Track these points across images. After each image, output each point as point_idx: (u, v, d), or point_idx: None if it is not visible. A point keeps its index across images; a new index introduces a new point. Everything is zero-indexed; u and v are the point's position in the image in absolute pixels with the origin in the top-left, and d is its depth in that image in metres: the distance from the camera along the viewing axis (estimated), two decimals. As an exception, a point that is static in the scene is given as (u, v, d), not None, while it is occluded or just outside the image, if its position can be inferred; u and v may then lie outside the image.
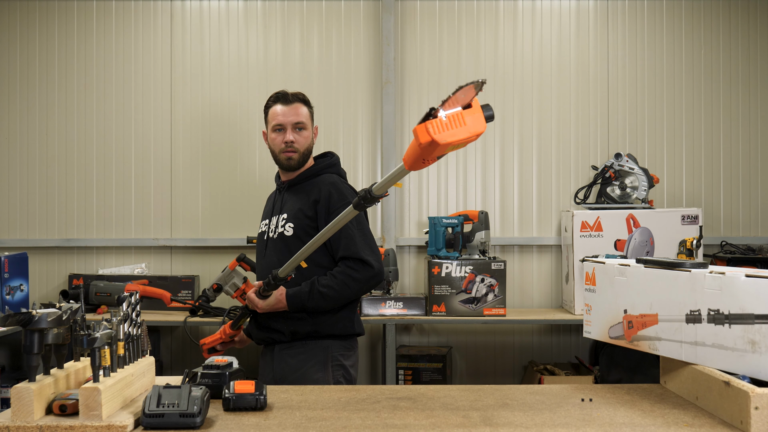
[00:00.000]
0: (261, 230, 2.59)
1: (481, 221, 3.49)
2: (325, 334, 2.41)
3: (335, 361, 2.41)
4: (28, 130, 3.95)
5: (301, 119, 2.49)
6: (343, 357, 2.43)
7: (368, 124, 3.89)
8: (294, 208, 2.46)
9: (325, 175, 2.52)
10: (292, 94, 2.52)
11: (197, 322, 3.44)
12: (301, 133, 2.50)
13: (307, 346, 2.41)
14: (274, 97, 2.54)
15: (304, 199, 2.46)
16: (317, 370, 2.38)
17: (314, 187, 2.47)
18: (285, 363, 2.42)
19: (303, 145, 2.50)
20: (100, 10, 3.95)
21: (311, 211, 2.42)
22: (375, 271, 2.37)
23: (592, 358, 3.81)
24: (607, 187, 3.63)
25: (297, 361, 2.40)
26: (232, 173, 3.91)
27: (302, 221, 2.42)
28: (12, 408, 1.43)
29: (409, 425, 1.52)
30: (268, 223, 2.54)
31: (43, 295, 3.88)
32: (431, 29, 3.92)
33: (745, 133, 3.91)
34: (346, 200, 2.41)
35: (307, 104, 2.55)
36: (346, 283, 2.35)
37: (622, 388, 1.83)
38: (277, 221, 2.49)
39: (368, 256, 2.37)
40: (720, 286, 1.57)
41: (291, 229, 2.43)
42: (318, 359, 2.39)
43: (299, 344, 2.42)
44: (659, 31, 3.92)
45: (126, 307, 1.60)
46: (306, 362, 2.39)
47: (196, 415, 1.46)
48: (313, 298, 2.35)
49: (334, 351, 2.42)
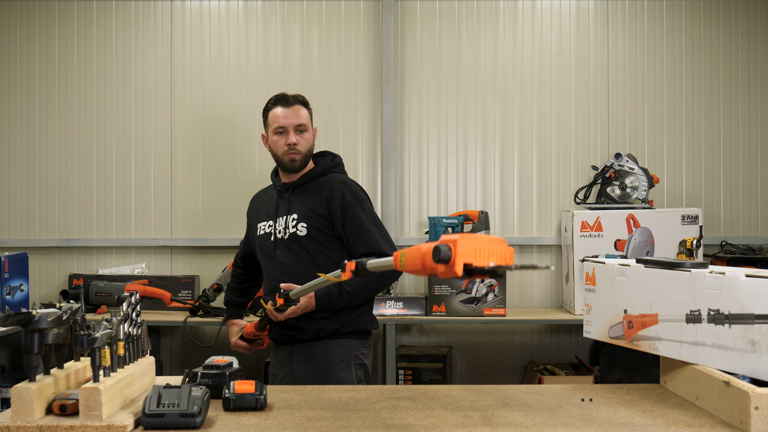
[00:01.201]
0: (264, 232, 2.56)
1: (481, 221, 3.49)
2: (347, 331, 2.42)
3: (357, 359, 2.43)
4: (28, 130, 3.95)
5: (302, 121, 2.49)
6: (364, 355, 2.46)
7: (368, 124, 3.89)
8: (305, 209, 2.45)
9: (332, 175, 2.52)
10: (292, 97, 2.52)
11: (197, 322, 3.44)
12: (303, 135, 2.50)
13: (330, 345, 2.41)
14: (274, 100, 2.54)
15: (314, 199, 2.45)
16: (341, 369, 2.39)
17: (323, 186, 2.47)
18: (307, 363, 2.41)
19: (305, 146, 2.50)
20: (100, 10, 3.95)
21: (324, 209, 2.42)
22: None
23: (592, 358, 3.81)
24: (607, 187, 3.63)
25: (319, 360, 2.40)
26: (232, 173, 3.91)
27: (315, 220, 2.42)
28: (12, 408, 1.43)
29: (409, 425, 1.52)
30: (274, 225, 2.52)
31: (43, 295, 3.88)
32: (431, 29, 3.92)
33: (745, 133, 3.91)
34: (359, 198, 2.44)
35: (307, 106, 2.56)
36: (372, 278, 2.34)
37: (622, 388, 1.83)
38: (286, 222, 2.47)
39: (389, 250, 2.39)
40: (720, 286, 1.57)
41: (305, 228, 2.43)
42: (342, 358, 2.40)
43: (321, 343, 2.41)
44: (659, 31, 3.92)
45: (126, 307, 1.60)
46: (330, 362, 2.39)
47: (196, 415, 1.46)
48: (342, 299, 2.36)
49: (356, 350, 2.43)
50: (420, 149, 3.90)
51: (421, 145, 3.90)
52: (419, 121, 3.90)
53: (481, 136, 3.90)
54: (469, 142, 3.90)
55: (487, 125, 3.90)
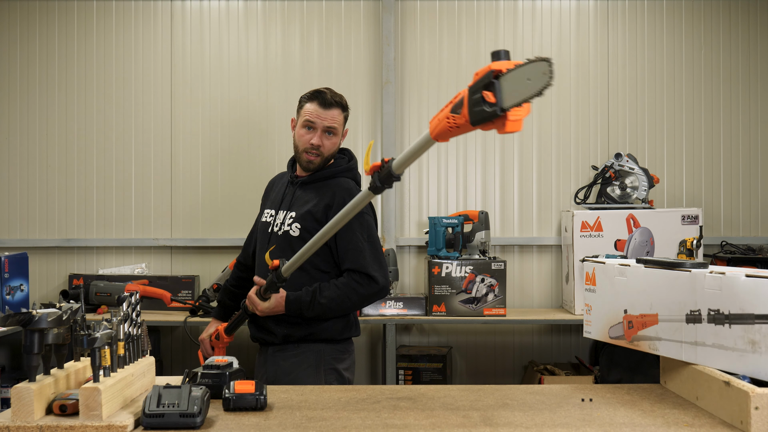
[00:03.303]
0: (265, 219, 2.50)
1: (482, 221, 3.49)
2: (318, 338, 2.37)
3: (328, 365, 2.37)
4: (28, 130, 3.95)
5: (333, 124, 2.41)
6: (336, 360, 2.39)
7: (368, 124, 3.89)
8: (303, 209, 2.39)
9: (341, 179, 2.44)
10: (331, 96, 2.41)
11: (197, 322, 3.44)
12: (329, 138, 2.42)
13: (300, 349, 2.36)
14: (314, 94, 2.43)
15: (315, 201, 2.39)
16: (309, 374, 2.33)
17: (328, 190, 2.40)
18: (277, 366, 2.38)
19: (328, 150, 2.43)
20: (100, 10, 3.95)
21: (321, 215, 2.35)
22: (380, 287, 2.32)
23: (592, 358, 3.81)
24: (607, 187, 3.63)
25: (289, 364, 2.36)
26: (232, 173, 3.91)
27: (310, 224, 2.35)
28: (12, 408, 1.43)
29: (409, 425, 1.52)
30: (275, 216, 2.46)
31: (43, 295, 3.88)
32: (431, 29, 3.92)
33: (745, 133, 3.91)
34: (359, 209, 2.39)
35: (345, 109, 2.46)
36: (348, 296, 2.30)
37: (622, 388, 1.83)
38: (284, 217, 2.42)
39: (375, 271, 2.31)
40: (720, 286, 1.57)
41: (297, 230, 2.36)
42: (310, 363, 2.35)
43: (292, 347, 2.37)
44: (659, 31, 3.92)
45: (126, 307, 1.60)
46: (298, 366, 2.35)
47: (196, 415, 1.46)
48: (312, 308, 2.29)
49: (326, 355, 2.37)
50: (420, 149, 3.90)
51: (421, 145, 3.90)
52: (419, 121, 3.90)
53: (481, 135, 3.90)
54: (469, 142, 3.90)
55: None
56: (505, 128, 1.27)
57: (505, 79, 1.25)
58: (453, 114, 1.33)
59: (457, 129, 1.34)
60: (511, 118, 1.26)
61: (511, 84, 1.25)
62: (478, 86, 1.27)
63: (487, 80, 1.25)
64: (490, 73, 1.26)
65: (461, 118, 1.31)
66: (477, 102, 1.28)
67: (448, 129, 1.35)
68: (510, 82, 1.25)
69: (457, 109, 1.32)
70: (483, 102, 1.26)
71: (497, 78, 1.25)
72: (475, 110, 1.28)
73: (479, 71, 1.28)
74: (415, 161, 1.55)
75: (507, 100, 1.25)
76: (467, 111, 1.30)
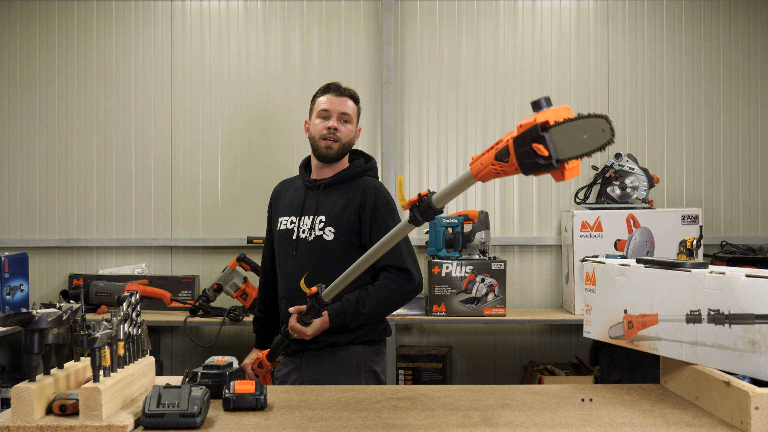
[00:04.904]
0: (285, 227, 2.45)
1: (481, 221, 3.49)
2: (358, 341, 2.35)
3: (367, 367, 2.35)
4: (28, 130, 3.95)
5: (348, 111, 2.41)
6: (374, 362, 2.38)
7: (368, 124, 3.89)
8: (334, 212, 2.35)
9: (366, 178, 2.43)
10: (344, 88, 2.44)
11: (197, 322, 3.44)
12: (345, 125, 2.41)
13: (338, 354, 2.33)
14: (325, 87, 2.45)
15: (345, 203, 2.36)
16: (349, 378, 2.30)
17: (357, 190, 2.38)
18: (315, 371, 2.33)
19: (346, 136, 2.41)
20: (100, 10, 3.95)
21: (354, 215, 2.34)
22: (416, 283, 2.33)
23: (592, 358, 3.81)
24: (607, 187, 3.63)
25: (329, 369, 2.32)
26: (232, 173, 3.91)
27: (344, 226, 2.33)
28: (12, 408, 1.43)
29: (409, 425, 1.52)
30: (297, 222, 2.41)
31: (43, 295, 3.88)
32: (431, 29, 3.92)
33: (745, 133, 3.91)
34: (390, 207, 2.36)
35: (357, 101, 2.48)
36: (389, 298, 2.29)
37: (622, 388, 1.83)
38: (313, 222, 2.37)
39: (412, 266, 2.32)
40: (720, 286, 1.57)
41: (331, 233, 2.33)
42: (350, 367, 2.33)
43: (329, 351, 2.33)
44: (659, 31, 3.92)
45: (126, 307, 1.60)
46: (339, 371, 2.31)
47: (197, 415, 1.46)
48: (357, 319, 2.28)
49: (365, 357, 2.35)
50: (420, 149, 3.90)
51: (421, 144, 3.90)
52: (419, 121, 3.90)
53: (482, 135, 3.90)
54: (469, 142, 3.90)
55: (487, 125, 3.90)
56: (564, 177, 1.26)
57: (555, 132, 1.23)
58: (499, 162, 1.31)
59: (504, 174, 1.33)
60: (568, 167, 1.25)
61: (564, 137, 1.23)
62: (525, 138, 1.26)
63: (535, 133, 1.24)
64: (536, 127, 1.24)
65: (510, 167, 1.30)
66: (527, 154, 1.26)
67: (494, 173, 1.34)
68: (562, 134, 1.23)
69: (503, 157, 1.30)
70: (534, 155, 1.25)
71: (545, 130, 1.24)
72: (525, 162, 1.27)
73: (523, 122, 1.26)
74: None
75: (561, 152, 1.23)
76: (516, 162, 1.28)
